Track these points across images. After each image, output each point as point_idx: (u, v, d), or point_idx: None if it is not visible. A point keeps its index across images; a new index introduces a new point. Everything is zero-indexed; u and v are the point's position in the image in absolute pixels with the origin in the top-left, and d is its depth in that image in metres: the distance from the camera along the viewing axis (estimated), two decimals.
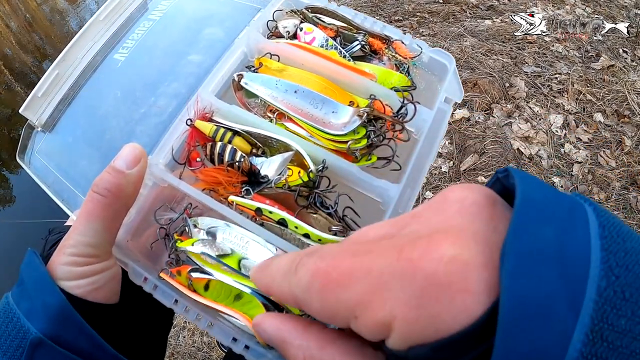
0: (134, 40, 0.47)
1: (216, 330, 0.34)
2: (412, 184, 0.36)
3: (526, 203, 0.17)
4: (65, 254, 0.32)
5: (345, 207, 0.37)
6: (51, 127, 0.45)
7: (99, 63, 0.47)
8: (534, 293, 0.14)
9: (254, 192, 0.36)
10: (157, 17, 0.48)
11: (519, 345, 0.14)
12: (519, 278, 0.14)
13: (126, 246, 0.38)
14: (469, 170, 1.74)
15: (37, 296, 0.31)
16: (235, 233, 0.37)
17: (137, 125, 0.44)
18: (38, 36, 3.24)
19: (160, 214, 0.39)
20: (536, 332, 0.14)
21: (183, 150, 0.40)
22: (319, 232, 0.34)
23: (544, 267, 0.15)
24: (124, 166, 0.34)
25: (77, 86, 0.46)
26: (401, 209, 0.36)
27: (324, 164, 0.36)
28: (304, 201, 0.36)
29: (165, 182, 0.38)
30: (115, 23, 0.48)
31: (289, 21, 0.44)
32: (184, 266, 0.37)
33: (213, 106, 0.40)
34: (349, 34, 0.42)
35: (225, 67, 0.42)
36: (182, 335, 1.69)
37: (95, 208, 0.33)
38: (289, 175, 0.36)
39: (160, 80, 0.45)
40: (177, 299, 0.35)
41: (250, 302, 0.35)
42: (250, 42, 0.42)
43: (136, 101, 0.45)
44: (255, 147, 0.39)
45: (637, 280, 0.14)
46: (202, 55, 0.46)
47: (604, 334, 0.14)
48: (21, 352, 0.29)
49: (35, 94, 0.44)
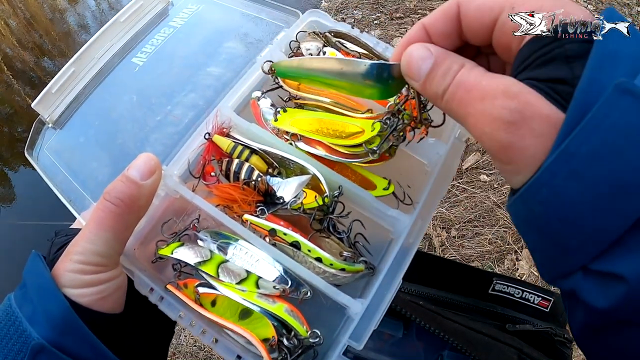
0: (153, 46, 0.47)
1: (220, 347, 0.34)
2: (423, 216, 0.37)
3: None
4: (72, 261, 0.32)
5: (356, 233, 0.38)
6: (63, 124, 0.45)
7: (116, 64, 0.47)
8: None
9: (268, 212, 0.37)
10: (178, 24, 0.49)
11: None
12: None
13: (133, 254, 0.38)
14: (471, 168, 1.75)
15: (40, 302, 0.31)
16: (245, 250, 0.37)
17: (152, 132, 0.44)
18: (38, 35, 3.21)
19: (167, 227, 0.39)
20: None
21: (198, 164, 0.40)
22: (331, 257, 0.35)
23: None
24: (138, 177, 0.34)
25: (92, 86, 0.46)
26: (411, 239, 0.37)
27: (340, 190, 0.36)
28: (317, 225, 0.37)
29: (177, 194, 0.38)
30: (135, 26, 0.48)
31: (312, 43, 0.45)
32: (190, 279, 0.37)
33: (232, 122, 0.41)
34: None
35: (246, 84, 0.42)
36: (184, 334, 1.67)
37: (106, 217, 0.33)
38: (304, 198, 0.37)
39: (177, 90, 0.45)
40: (182, 313, 0.35)
41: (258, 320, 0.35)
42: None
43: (152, 108, 0.45)
44: (271, 167, 0.39)
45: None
46: (222, 69, 0.46)
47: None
48: (22, 356, 0.29)
49: (49, 90, 0.43)
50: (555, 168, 0.21)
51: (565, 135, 0.20)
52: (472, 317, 0.55)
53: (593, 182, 0.20)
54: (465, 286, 0.58)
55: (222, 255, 0.37)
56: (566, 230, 0.21)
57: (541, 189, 0.21)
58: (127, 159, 0.36)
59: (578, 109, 0.20)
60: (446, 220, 1.65)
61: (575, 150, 0.20)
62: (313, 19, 0.46)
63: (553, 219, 0.22)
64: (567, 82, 0.21)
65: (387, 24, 2.42)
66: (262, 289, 0.36)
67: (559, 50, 0.22)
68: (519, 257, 1.51)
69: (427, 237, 1.62)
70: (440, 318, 0.48)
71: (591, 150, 0.20)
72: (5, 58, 2.99)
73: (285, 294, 0.36)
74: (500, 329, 0.54)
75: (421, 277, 0.58)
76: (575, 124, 0.20)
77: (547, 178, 0.21)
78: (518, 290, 0.57)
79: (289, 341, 0.33)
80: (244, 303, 0.34)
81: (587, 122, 0.20)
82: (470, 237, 1.60)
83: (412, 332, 0.51)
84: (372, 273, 0.37)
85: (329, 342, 0.35)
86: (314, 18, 0.46)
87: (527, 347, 0.51)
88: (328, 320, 0.37)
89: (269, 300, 0.35)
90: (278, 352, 0.34)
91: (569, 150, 0.20)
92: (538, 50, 0.23)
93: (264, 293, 0.35)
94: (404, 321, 0.50)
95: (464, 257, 1.56)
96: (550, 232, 0.22)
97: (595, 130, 0.20)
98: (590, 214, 0.20)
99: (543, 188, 0.21)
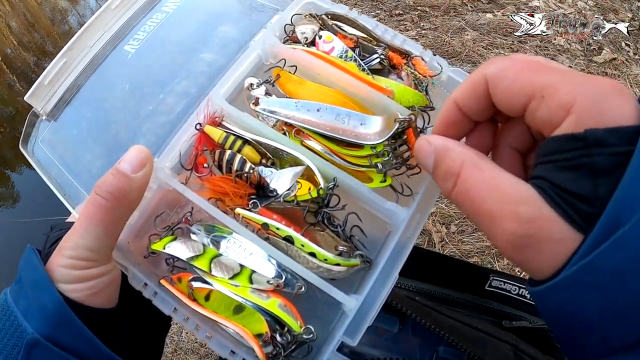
0: (145, 32, 0.46)
1: (214, 342, 0.34)
2: (421, 209, 0.35)
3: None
4: (64, 256, 0.32)
5: (352, 225, 0.36)
6: (56, 116, 0.44)
7: (108, 53, 0.46)
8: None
9: (261, 205, 0.36)
10: (170, 9, 0.47)
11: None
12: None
13: (127, 248, 0.38)
14: None
15: (35, 296, 0.31)
16: (239, 244, 0.36)
17: (144, 122, 0.43)
18: (39, 35, 3.23)
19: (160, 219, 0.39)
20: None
21: (190, 155, 0.39)
22: (325, 252, 0.34)
23: None
24: (129, 169, 0.33)
25: (84, 76, 0.45)
26: (409, 233, 0.35)
27: (335, 182, 0.35)
28: (312, 218, 0.36)
29: (170, 187, 0.38)
30: (127, 12, 0.46)
31: (307, 27, 0.42)
32: (184, 273, 0.37)
33: (223, 111, 0.39)
34: (369, 45, 0.41)
35: (238, 70, 0.40)
36: (185, 331, 1.69)
37: (97, 212, 0.32)
38: (298, 189, 0.36)
39: (170, 77, 0.44)
40: (176, 308, 0.35)
41: (252, 315, 0.35)
42: (266, 46, 0.41)
43: (144, 97, 0.44)
44: (264, 157, 0.38)
45: None
46: (215, 55, 0.44)
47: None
48: (18, 351, 0.29)
49: (41, 82, 0.42)
50: (576, 278, 0.21)
51: (590, 248, 0.20)
52: (469, 313, 0.54)
53: (614, 296, 0.20)
54: (462, 282, 0.57)
55: (214, 249, 0.36)
56: (579, 331, 0.22)
57: (558, 293, 0.22)
58: (120, 150, 0.35)
59: (607, 225, 0.20)
60: (446, 216, 1.64)
61: (601, 265, 0.20)
62: (309, 1, 0.43)
63: (568, 320, 0.22)
64: (589, 201, 0.21)
65: (386, 20, 2.38)
66: (256, 284, 0.35)
67: (586, 160, 0.21)
68: None
69: (426, 232, 1.63)
70: (436, 314, 0.48)
71: (617, 267, 0.20)
72: (6, 58, 3.02)
73: (280, 288, 0.35)
74: (497, 325, 0.54)
75: (417, 272, 0.57)
76: (603, 238, 0.20)
77: (565, 285, 0.21)
78: (515, 286, 0.57)
79: (282, 337, 0.32)
80: (237, 299, 0.34)
81: (616, 240, 0.20)
82: (469, 233, 1.59)
83: (407, 328, 0.50)
84: (369, 267, 0.35)
85: (324, 337, 0.35)
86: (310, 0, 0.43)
87: (523, 343, 0.51)
88: (323, 315, 0.36)
89: (262, 296, 0.34)
90: (272, 347, 0.34)
91: (594, 263, 0.20)
92: (566, 151, 0.22)
93: (257, 288, 0.35)
94: (399, 316, 0.50)
95: (463, 252, 1.56)
96: (564, 328, 0.23)
97: (623, 249, 0.20)
98: (606, 323, 0.21)
99: (560, 293, 0.22)
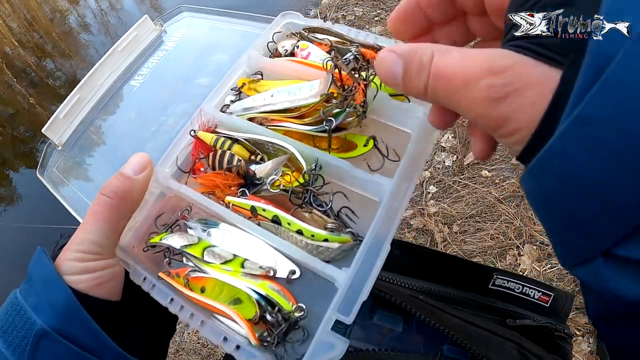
0: (149, 68, 0.52)
1: (206, 329, 0.34)
2: (407, 176, 0.35)
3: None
4: (71, 251, 0.34)
5: (342, 206, 0.37)
6: (71, 146, 0.49)
7: (117, 89, 0.51)
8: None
9: (249, 193, 0.37)
10: (170, 47, 0.53)
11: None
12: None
13: (132, 252, 0.39)
14: (473, 164, 1.72)
15: (45, 292, 0.32)
16: (231, 234, 0.37)
17: (148, 142, 0.46)
18: (39, 35, 3.23)
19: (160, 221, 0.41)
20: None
21: (188, 162, 0.42)
22: (311, 228, 0.34)
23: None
24: (131, 172, 0.37)
25: (96, 110, 0.50)
26: (397, 203, 0.35)
27: (317, 162, 0.37)
28: (298, 200, 0.37)
29: (168, 189, 0.40)
30: (132, 54, 0.53)
31: (287, 42, 0.47)
32: (183, 269, 0.38)
33: (215, 119, 0.43)
34: (343, 47, 0.44)
35: (228, 84, 0.45)
36: (187, 331, 1.69)
37: (102, 209, 0.35)
38: (282, 175, 0.37)
39: (170, 102, 0.48)
40: (172, 298, 0.35)
41: (246, 307, 0.35)
42: (250, 62, 0.45)
43: (148, 121, 0.48)
44: (253, 154, 0.40)
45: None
46: (210, 78, 0.49)
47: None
48: (26, 342, 0.30)
49: (57, 116, 0.48)
50: (570, 136, 0.18)
51: (578, 97, 0.17)
52: (472, 311, 0.53)
53: (616, 150, 0.17)
54: (466, 281, 0.56)
55: (209, 241, 0.37)
56: (583, 207, 0.19)
57: (553, 160, 0.19)
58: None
59: (591, 65, 0.17)
60: (448, 216, 1.62)
61: (593, 115, 0.17)
62: (288, 21, 0.48)
63: (568, 193, 0.19)
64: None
65: (387, 20, 2.45)
66: (248, 270, 0.35)
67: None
68: (520, 252, 1.47)
69: (429, 233, 1.60)
70: (440, 312, 0.47)
71: (613, 114, 0.16)
72: (6, 58, 3.02)
73: (272, 275, 0.35)
74: (501, 323, 0.52)
75: (421, 272, 0.56)
76: (590, 82, 0.17)
77: (559, 147, 0.18)
78: (518, 285, 0.55)
79: (271, 315, 0.32)
80: (227, 280, 0.34)
81: (606, 80, 0.16)
82: (472, 233, 1.56)
83: (412, 327, 0.49)
84: (359, 244, 0.35)
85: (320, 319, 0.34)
86: (289, 20, 0.48)
87: (527, 341, 0.49)
88: (320, 301, 0.36)
89: (254, 278, 0.35)
90: (267, 333, 0.33)
91: (583, 114, 0.17)
92: (525, 3, 0.21)
93: (249, 273, 0.35)
94: (404, 315, 0.49)
95: (465, 252, 1.52)
96: (565, 210, 0.20)
97: (615, 89, 0.16)
98: (611, 188, 0.17)
99: (555, 158, 0.19)
